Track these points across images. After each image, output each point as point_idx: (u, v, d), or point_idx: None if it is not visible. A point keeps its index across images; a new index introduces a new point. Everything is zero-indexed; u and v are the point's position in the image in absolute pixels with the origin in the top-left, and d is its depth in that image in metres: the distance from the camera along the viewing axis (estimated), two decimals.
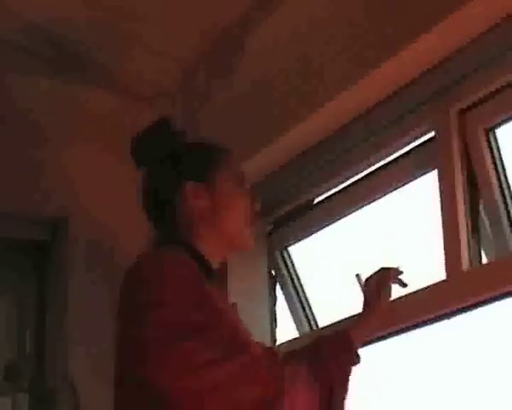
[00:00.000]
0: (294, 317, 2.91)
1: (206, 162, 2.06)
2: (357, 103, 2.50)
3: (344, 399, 2.14)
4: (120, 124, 3.03)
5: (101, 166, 3.07)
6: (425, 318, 2.31)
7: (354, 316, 2.35)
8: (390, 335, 2.39)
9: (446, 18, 2.17)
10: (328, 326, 2.56)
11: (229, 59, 2.81)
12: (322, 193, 2.78)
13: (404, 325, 2.35)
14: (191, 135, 2.70)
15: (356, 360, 2.19)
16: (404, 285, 2.29)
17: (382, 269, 2.30)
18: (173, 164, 2.06)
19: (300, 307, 2.92)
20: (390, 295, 2.29)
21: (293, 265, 2.97)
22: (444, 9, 2.16)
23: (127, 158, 2.15)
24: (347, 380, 2.16)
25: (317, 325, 2.84)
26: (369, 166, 2.59)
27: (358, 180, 2.66)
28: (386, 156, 2.54)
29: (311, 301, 2.91)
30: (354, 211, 2.69)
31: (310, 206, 2.86)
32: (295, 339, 2.77)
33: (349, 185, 2.69)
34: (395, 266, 2.30)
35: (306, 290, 2.93)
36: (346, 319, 2.47)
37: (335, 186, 2.72)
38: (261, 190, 2.83)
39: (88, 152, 3.06)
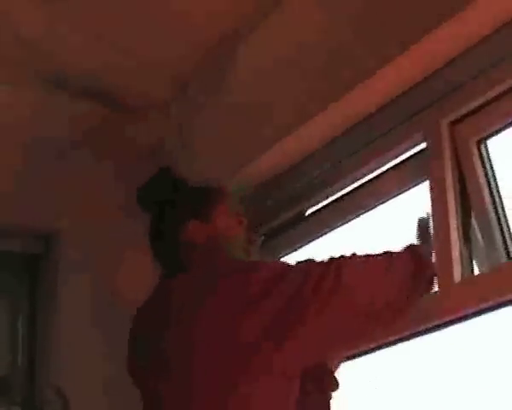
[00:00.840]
0: None
1: (203, 201, 2.26)
2: (349, 115, 2.50)
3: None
4: (113, 136, 3.03)
5: (93, 178, 3.07)
6: (417, 329, 2.30)
7: None
8: (382, 346, 2.39)
9: (437, 29, 2.18)
10: None
11: (221, 70, 2.81)
12: (314, 204, 2.79)
13: (395, 337, 2.34)
14: (184, 148, 2.72)
15: (334, 384, 2.22)
16: None
17: None
18: (175, 206, 2.26)
19: None
20: None
21: None
22: (434, 20, 2.17)
23: (119, 171, 2.17)
24: (329, 406, 2.18)
25: None
26: (361, 177, 2.59)
27: (350, 192, 2.66)
28: (378, 167, 2.54)
29: None
30: (346, 222, 2.68)
31: (301, 218, 2.86)
32: None
33: (341, 197, 2.69)
34: None
35: None
36: None
37: (327, 197, 2.72)
38: (252, 201, 2.84)
39: (80, 165, 3.06)
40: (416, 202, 2.47)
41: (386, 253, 2.18)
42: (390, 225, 2.57)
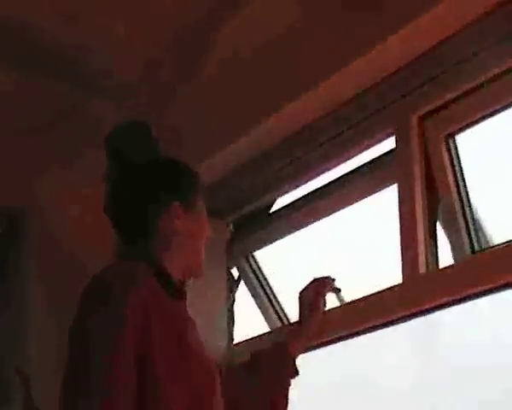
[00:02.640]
0: (266, 317, 2.93)
1: (192, 185, 2.06)
2: (319, 106, 2.50)
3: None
4: (83, 116, 3.01)
5: (62, 156, 3.05)
6: (381, 320, 2.32)
7: (292, 324, 2.39)
8: (346, 337, 2.41)
9: (408, 24, 2.19)
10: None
11: (194, 54, 2.80)
12: (282, 195, 2.80)
13: (359, 328, 2.37)
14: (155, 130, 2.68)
15: (294, 372, 2.23)
16: (339, 290, 2.35)
17: (316, 280, 2.35)
18: (158, 177, 2.03)
19: (270, 305, 2.93)
20: (325, 304, 2.33)
21: (259, 269, 2.98)
22: (405, 15, 2.18)
23: (89, 150, 2.15)
24: (287, 393, 2.20)
25: (288, 320, 2.87)
26: (330, 168, 2.61)
27: (323, 190, 2.67)
28: (347, 160, 2.56)
29: (280, 299, 2.93)
30: (317, 221, 2.71)
31: (269, 215, 2.88)
32: (252, 339, 2.78)
33: (313, 196, 2.71)
34: (327, 275, 2.35)
35: (275, 290, 2.94)
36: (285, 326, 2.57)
37: (296, 188, 2.73)
38: (222, 188, 2.86)
39: (49, 143, 3.04)
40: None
41: None
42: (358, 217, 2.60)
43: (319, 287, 2.33)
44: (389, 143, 2.43)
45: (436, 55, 2.25)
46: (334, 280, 2.34)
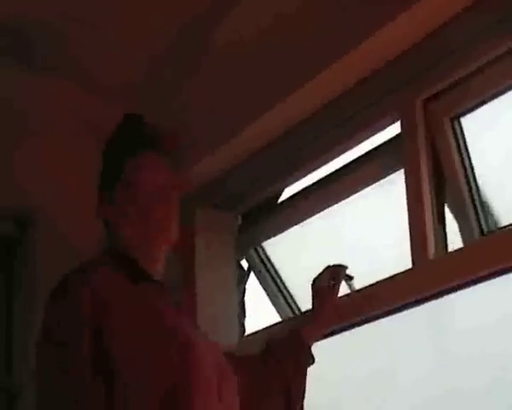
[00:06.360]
0: (277, 307, 2.93)
1: (111, 172, 2.06)
2: (323, 93, 2.49)
3: (302, 399, 2.18)
4: (86, 117, 3.01)
5: (68, 159, 3.05)
6: (392, 306, 2.32)
7: (305, 312, 2.40)
8: (357, 324, 2.41)
9: (411, 7, 2.18)
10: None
11: (196, 52, 2.80)
12: (290, 184, 2.80)
13: (371, 314, 2.37)
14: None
15: (310, 359, 2.24)
16: (351, 278, 2.36)
17: (329, 267, 2.36)
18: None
19: (281, 295, 2.94)
20: (339, 292, 2.35)
21: (269, 259, 2.98)
22: None
23: (94, 151, 2.18)
24: (304, 380, 2.20)
25: (299, 310, 2.87)
26: (336, 156, 2.60)
27: (330, 178, 2.67)
28: (352, 147, 2.55)
29: (290, 289, 2.93)
30: (322, 210, 2.70)
31: (276, 204, 2.88)
32: (264, 329, 2.78)
33: (320, 184, 2.70)
34: (340, 263, 2.37)
35: (285, 280, 2.95)
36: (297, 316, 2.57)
37: (303, 177, 2.73)
38: (228, 182, 2.85)
39: (54, 145, 3.04)
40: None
41: None
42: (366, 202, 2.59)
43: (334, 275, 2.35)
44: (395, 128, 2.43)
45: (439, 38, 2.24)
46: (346, 268, 2.36)
